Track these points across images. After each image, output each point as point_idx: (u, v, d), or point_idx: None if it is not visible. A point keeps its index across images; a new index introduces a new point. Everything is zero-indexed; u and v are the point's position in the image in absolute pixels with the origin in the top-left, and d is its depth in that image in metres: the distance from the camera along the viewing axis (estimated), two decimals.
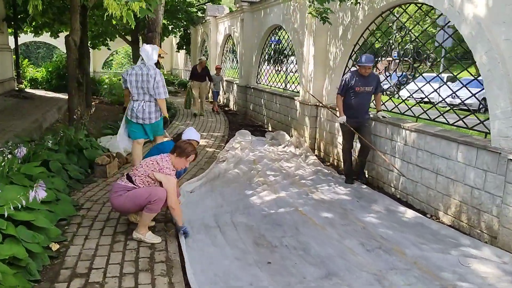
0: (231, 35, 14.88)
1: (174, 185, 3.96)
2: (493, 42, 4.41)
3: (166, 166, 3.96)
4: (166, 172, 3.94)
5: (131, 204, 3.87)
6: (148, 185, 3.94)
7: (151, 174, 3.93)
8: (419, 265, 3.75)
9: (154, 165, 3.95)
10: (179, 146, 4.08)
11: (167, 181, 3.91)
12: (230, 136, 9.49)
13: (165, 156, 4.04)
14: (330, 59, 7.92)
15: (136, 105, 5.45)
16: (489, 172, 4.49)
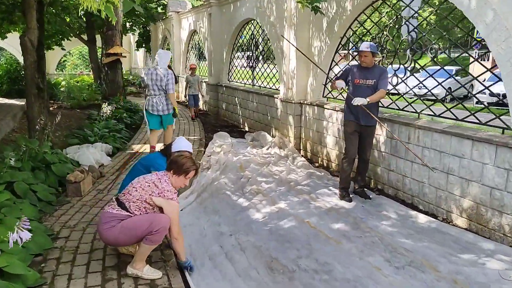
0: (197, 30, 14.15)
1: (178, 211, 3.33)
2: (510, 29, 4.05)
3: (167, 188, 3.30)
4: (167, 196, 3.28)
5: (128, 237, 3.22)
6: (145, 212, 3.30)
7: (149, 199, 3.27)
8: (459, 283, 3.32)
9: (152, 188, 3.29)
10: (175, 162, 3.40)
11: (169, 207, 3.27)
12: (208, 139, 8.86)
13: (163, 176, 3.38)
14: (315, 53, 7.44)
15: (156, 100, 6.83)
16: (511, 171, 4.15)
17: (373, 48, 5.21)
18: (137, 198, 3.28)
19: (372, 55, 5.23)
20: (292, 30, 7.74)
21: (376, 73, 5.27)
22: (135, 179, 3.43)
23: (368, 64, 5.28)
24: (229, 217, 4.75)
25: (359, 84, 5.33)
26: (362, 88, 5.30)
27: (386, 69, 5.46)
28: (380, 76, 5.23)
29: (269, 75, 9.79)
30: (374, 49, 5.22)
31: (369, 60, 5.25)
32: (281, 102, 8.37)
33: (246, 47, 11.37)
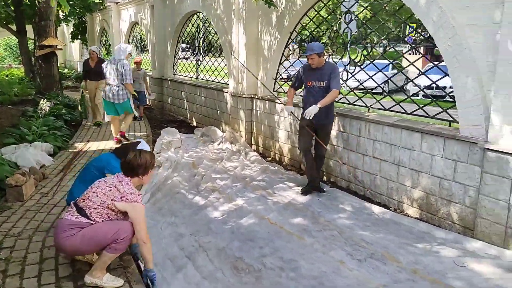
0: (138, 22, 13.64)
1: (143, 215, 3.10)
2: (457, 27, 4.24)
3: (129, 191, 3.06)
4: (131, 198, 3.04)
5: (91, 246, 2.99)
6: (108, 218, 3.07)
7: (111, 204, 3.03)
8: (420, 273, 3.45)
9: (114, 192, 3.05)
10: (139, 165, 3.14)
11: (134, 211, 3.02)
12: (155, 136, 8.58)
13: (123, 178, 3.13)
14: (265, 48, 7.41)
15: (111, 88, 7.40)
16: (459, 162, 4.37)
17: (317, 48, 5.06)
18: (98, 204, 3.04)
19: (319, 55, 5.08)
20: (240, 24, 7.66)
21: (327, 72, 5.12)
22: (95, 183, 3.16)
23: (318, 65, 5.16)
24: (186, 217, 4.61)
25: (312, 86, 5.23)
26: (315, 90, 5.20)
27: (336, 66, 5.39)
28: (331, 75, 5.08)
29: (217, 69, 9.64)
30: (318, 49, 5.06)
31: (317, 61, 5.11)
32: (231, 96, 8.28)
33: (192, 40, 11.12)
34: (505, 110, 3.80)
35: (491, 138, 3.97)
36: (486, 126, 4.06)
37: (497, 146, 3.89)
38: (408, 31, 22.77)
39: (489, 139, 3.99)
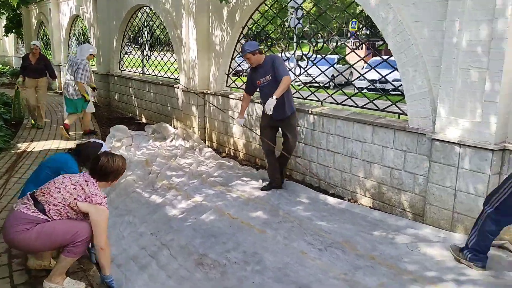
0: (80, 16, 13.09)
1: (106, 219, 2.97)
2: (404, 23, 4.45)
3: (95, 192, 2.93)
4: (95, 200, 2.91)
5: (46, 243, 2.83)
6: (66, 217, 2.92)
7: (74, 203, 2.89)
8: (378, 259, 3.61)
9: (78, 191, 2.90)
10: (111, 171, 3.04)
11: (97, 213, 2.89)
12: (104, 134, 8.30)
13: (90, 178, 3.00)
14: (216, 43, 7.38)
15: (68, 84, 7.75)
16: (408, 153, 4.60)
17: (249, 47, 5.07)
18: (60, 201, 2.87)
19: (253, 53, 5.05)
20: (191, 18, 7.58)
21: (268, 65, 5.07)
22: (59, 178, 2.99)
23: (258, 62, 5.14)
24: (144, 216, 4.52)
25: (262, 84, 5.21)
26: (265, 87, 5.17)
27: (276, 55, 5.40)
28: (273, 65, 5.02)
29: (167, 64, 9.46)
30: (251, 47, 5.07)
31: (254, 59, 5.10)
32: (183, 92, 8.17)
33: (139, 35, 10.83)
34: (450, 102, 4.04)
35: (438, 129, 4.21)
36: (433, 117, 4.30)
37: (444, 136, 4.13)
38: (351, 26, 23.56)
39: (436, 130, 4.23)
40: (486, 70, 3.72)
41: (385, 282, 3.26)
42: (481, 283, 3.21)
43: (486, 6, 3.65)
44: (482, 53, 3.75)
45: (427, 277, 3.33)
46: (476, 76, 3.82)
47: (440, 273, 3.37)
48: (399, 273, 3.39)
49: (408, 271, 3.43)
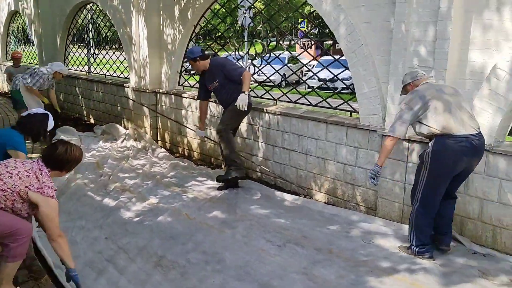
0: (20, 12, 12.42)
1: (57, 211, 2.83)
2: (355, 24, 4.60)
3: (48, 184, 2.79)
4: (47, 193, 2.77)
5: None
6: (11, 205, 2.72)
7: (24, 192, 2.71)
8: (335, 253, 3.72)
9: (32, 180, 2.74)
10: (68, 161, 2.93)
11: (48, 206, 2.75)
12: (50, 136, 7.92)
13: (43, 167, 2.85)
14: (168, 41, 7.27)
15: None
16: (360, 149, 4.76)
17: (191, 53, 5.11)
18: (9, 187, 2.69)
19: (194, 60, 5.06)
20: (141, 16, 7.42)
21: (215, 71, 5.10)
22: (10, 162, 2.82)
23: (204, 68, 5.15)
24: (98, 220, 4.38)
25: (212, 89, 5.26)
26: (217, 90, 5.22)
27: (224, 58, 5.39)
28: (223, 70, 5.04)
29: (116, 63, 9.18)
30: (192, 54, 5.09)
31: (197, 67, 5.14)
32: (133, 91, 7.98)
33: (85, 32, 10.44)
34: (399, 99, 4.21)
35: (387, 126, 4.38)
36: (383, 114, 4.48)
37: None
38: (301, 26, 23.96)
39: (386, 127, 4.40)
40: (431, 69, 3.92)
41: (343, 274, 3.36)
42: (432, 270, 3.39)
43: (430, 8, 3.85)
44: (427, 52, 3.95)
45: (382, 268, 3.48)
46: None
47: (394, 264, 3.53)
48: (356, 265, 3.51)
49: (364, 262, 3.55)
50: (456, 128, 3.36)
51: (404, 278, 3.33)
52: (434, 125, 3.41)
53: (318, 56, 6.44)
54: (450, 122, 3.37)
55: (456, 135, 3.36)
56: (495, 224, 3.84)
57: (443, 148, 3.40)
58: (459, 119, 3.38)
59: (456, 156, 3.39)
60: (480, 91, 3.76)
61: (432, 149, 3.46)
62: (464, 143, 3.36)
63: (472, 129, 3.41)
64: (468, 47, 3.82)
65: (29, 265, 3.28)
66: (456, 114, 3.38)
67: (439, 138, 3.43)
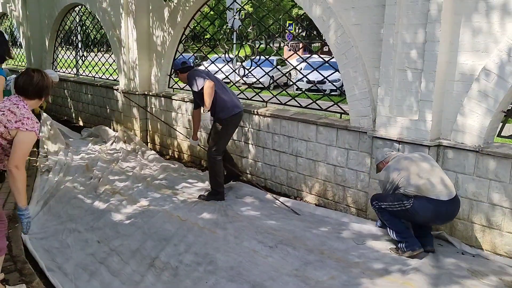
0: (8, 13, 12.28)
1: (31, 143, 2.69)
2: (345, 26, 4.63)
3: (27, 115, 2.66)
4: (27, 124, 2.63)
5: None
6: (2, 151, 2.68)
7: (6, 132, 2.61)
8: (327, 254, 3.73)
9: (8, 116, 2.62)
10: (46, 87, 2.82)
11: (24, 136, 2.62)
12: (39, 138, 7.84)
13: (18, 100, 2.73)
14: (157, 43, 7.24)
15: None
16: (351, 151, 4.79)
17: (174, 66, 5.12)
18: None
19: (179, 71, 5.04)
20: (130, 18, 7.39)
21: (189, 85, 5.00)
22: None
23: (185, 81, 5.06)
24: (89, 223, 4.33)
25: None
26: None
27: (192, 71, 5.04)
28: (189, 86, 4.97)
29: (105, 65, 9.12)
30: (175, 66, 5.13)
31: (181, 78, 5.11)
32: (123, 93, 7.93)
33: (74, 35, 10.36)
34: (389, 101, 4.26)
35: (378, 127, 4.42)
36: (373, 116, 4.51)
37: (383, 133, 4.35)
38: (289, 28, 24.08)
39: (376, 128, 4.44)
40: (421, 71, 3.97)
41: (335, 275, 3.37)
42: (423, 271, 3.41)
43: (420, 11, 3.90)
44: (417, 55, 3.99)
45: (374, 269, 3.49)
46: (412, 76, 4.06)
47: (386, 265, 3.55)
48: (348, 266, 3.52)
49: (356, 264, 3.57)
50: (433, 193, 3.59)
51: (395, 279, 3.34)
52: (411, 190, 3.65)
53: (307, 58, 6.47)
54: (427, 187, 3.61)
55: (432, 198, 3.58)
56: (484, 225, 3.89)
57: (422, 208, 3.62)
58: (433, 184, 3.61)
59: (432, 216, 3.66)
60: (469, 92, 3.81)
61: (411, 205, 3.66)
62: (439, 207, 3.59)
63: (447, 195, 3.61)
64: (457, 49, 3.87)
65: (20, 269, 3.25)
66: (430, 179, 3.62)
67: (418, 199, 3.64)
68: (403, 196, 3.71)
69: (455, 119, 3.96)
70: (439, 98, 3.99)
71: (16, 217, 4.13)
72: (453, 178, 3.99)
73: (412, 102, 4.10)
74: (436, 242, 3.93)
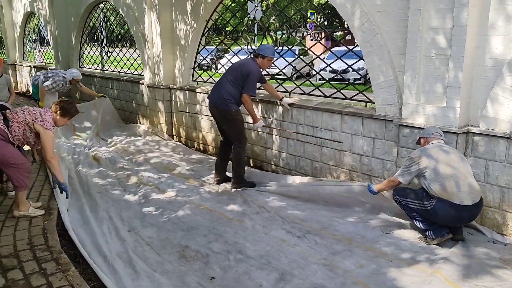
0: (35, 13, 12.58)
1: (52, 140, 4.04)
2: (369, 13, 4.57)
3: (48, 120, 4.01)
4: (46, 126, 3.98)
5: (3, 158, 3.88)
6: (23, 134, 3.98)
7: (31, 123, 3.96)
8: (354, 243, 3.73)
9: (37, 116, 3.99)
10: (62, 108, 4.21)
11: (45, 135, 3.96)
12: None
13: (48, 111, 4.11)
14: (181, 37, 7.31)
15: None
16: (377, 139, 4.75)
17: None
18: (22, 120, 3.95)
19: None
20: (153, 13, 7.47)
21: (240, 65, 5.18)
22: (25, 107, 4.10)
23: None
24: (119, 213, 4.45)
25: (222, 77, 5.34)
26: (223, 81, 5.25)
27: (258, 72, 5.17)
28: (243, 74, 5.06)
29: (129, 60, 9.26)
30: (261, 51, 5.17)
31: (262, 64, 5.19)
32: (148, 88, 8.06)
33: (99, 31, 10.55)
34: (416, 89, 4.20)
35: (404, 115, 4.36)
36: (400, 104, 4.45)
37: (410, 121, 4.30)
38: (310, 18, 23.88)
39: (403, 116, 4.38)
40: (448, 56, 3.89)
41: (363, 264, 3.37)
42: (453, 260, 3.37)
43: None
44: (444, 40, 3.92)
45: (402, 258, 3.47)
46: (440, 63, 3.99)
47: (414, 254, 3.52)
48: (376, 255, 3.51)
49: (384, 253, 3.56)
50: (457, 198, 3.53)
51: (424, 268, 3.31)
52: (435, 187, 3.59)
53: (331, 47, 6.41)
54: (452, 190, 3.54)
55: (455, 203, 3.53)
56: None
57: (443, 212, 3.57)
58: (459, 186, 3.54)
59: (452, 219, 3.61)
60: (499, 77, 3.72)
61: (432, 207, 3.63)
62: (462, 213, 3.55)
63: (471, 200, 3.54)
64: (486, 34, 3.77)
65: (57, 258, 3.37)
66: (458, 182, 3.54)
67: (440, 201, 3.59)
68: (424, 197, 3.69)
69: (484, 105, 3.87)
70: (468, 84, 3.91)
71: (51, 209, 4.32)
72: (483, 165, 3.92)
73: (439, 89, 4.03)
74: (465, 231, 3.87)
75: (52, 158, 3.97)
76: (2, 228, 3.94)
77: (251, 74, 5.00)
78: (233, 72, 5.11)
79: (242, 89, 5.03)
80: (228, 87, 5.06)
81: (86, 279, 3.15)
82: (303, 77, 6.34)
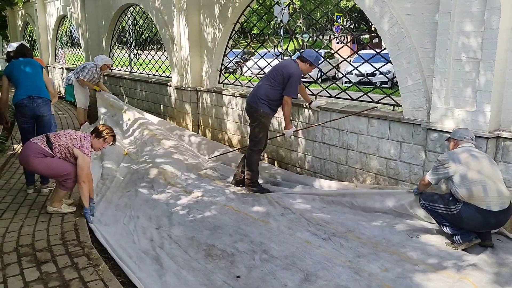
0: (68, 16, 12.97)
1: (89, 164, 4.22)
2: (397, 16, 4.55)
3: (87, 146, 4.22)
4: (84, 151, 4.19)
5: (48, 170, 4.19)
6: (64, 156, 4.22)
7: (71, 148, 4.18)
8: (380, 247, 3.72)
9: (77, 141, 4.22)
10: (97, 129, 4.42)
11: (82, 159, 4.15)
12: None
13: (87, 136, 4.31)
14: (208, 40, 7.41)
15: None
16: (404, 143, 4.71)
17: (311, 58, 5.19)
18: (63, 143, 4.19)
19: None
20: (182, 16, 7.60)
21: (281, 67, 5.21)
22: (67, 131, 4.34)
23: None
24: (146, 211, 4.56)
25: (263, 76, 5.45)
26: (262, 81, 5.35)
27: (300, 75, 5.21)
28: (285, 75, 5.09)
29: (158, 63, 9.45)
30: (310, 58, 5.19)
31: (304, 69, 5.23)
32: (175, 90, 8.20)
33: (128, 34, 10.80)
34: (444, 93, 4.16)
35: (433, 119, 4.32)
36: (428, 108, 4.41)
37: (439, 126, 4.25)
38: (337, 21, 23.74)
39: (431, 120, 4.34)
40: (479, 60, 3.84)
41: (388, 267, 3.36)
42: (481, 266, 3.31)
43: None
44: (474, 43, 3.87)
45: (429, 263, 3.44)
46: (469, 66, 3.94)
47: (441, 260, 3.48)
48: (402, 260, 3.49)
49: (410, 257, 3.53)
50: (484, 203, 3.48)
51: (452, 274, 3.26)
52: (462, 191, 3.57)
53: (358, 50, 6.40)
54: (479, 195, 3.50)
55: (481, 208, 3.49)
56: None
57: (469, 216, 3.54)
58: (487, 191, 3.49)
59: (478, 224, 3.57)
60: None
61: (458, 211, 3.61)
62: (489, 218, 3.50)
63: (499, 206, 3.49)
64: None
65: (88, 253, 3.49)
66: (486, 186, 3.50)
67: (466, 206, 3.55)
68: (451, 201, 3.66)
69: None
70: (499, 88, 3.85)
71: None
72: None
73: (469, 93, 3.98)
74: (495, 238, 3.80)
75: (84, 183, 4.11)
76: (36, 223, 4.10)
77: (292, 76, 5.03)
78: (272, 73, 5.16)
79: (283, 90, 5.07)
80: (265, 87, 5.12)
81: (115, 275, 3.25)
82: (329, 80, 6.31)
